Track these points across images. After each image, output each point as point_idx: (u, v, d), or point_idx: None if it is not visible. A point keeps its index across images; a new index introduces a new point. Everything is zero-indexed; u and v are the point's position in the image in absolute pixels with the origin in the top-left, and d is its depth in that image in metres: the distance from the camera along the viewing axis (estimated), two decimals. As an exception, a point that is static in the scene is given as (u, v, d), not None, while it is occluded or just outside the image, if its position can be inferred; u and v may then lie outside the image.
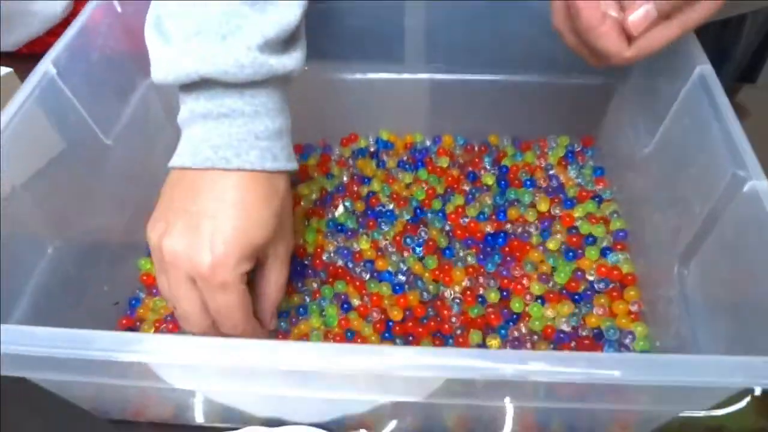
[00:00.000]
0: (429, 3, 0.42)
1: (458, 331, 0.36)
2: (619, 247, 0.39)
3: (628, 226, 0.40)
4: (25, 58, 0.55)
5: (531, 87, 0.43)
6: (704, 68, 0.31)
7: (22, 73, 0.36)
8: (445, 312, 0.37)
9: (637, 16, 0.26)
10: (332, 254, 0.41)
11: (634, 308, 0.37)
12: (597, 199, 0.42)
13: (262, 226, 0.30)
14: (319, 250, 0.41)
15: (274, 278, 0.32)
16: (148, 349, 0.23)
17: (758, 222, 0.26)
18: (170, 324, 0.38)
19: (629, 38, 0.27)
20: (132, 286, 0.40)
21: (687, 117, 0.32)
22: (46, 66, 0.35)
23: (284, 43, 0.30)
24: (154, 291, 0.40)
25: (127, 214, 0.41)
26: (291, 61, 0.30)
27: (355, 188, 0.45)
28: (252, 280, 0.32)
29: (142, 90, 0.44)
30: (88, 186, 0.38)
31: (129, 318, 0.39)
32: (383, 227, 0.42)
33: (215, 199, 0.29)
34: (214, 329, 0.31)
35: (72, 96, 0.36)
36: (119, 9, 0.41)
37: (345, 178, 0.45)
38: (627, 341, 0.35)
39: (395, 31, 0.44)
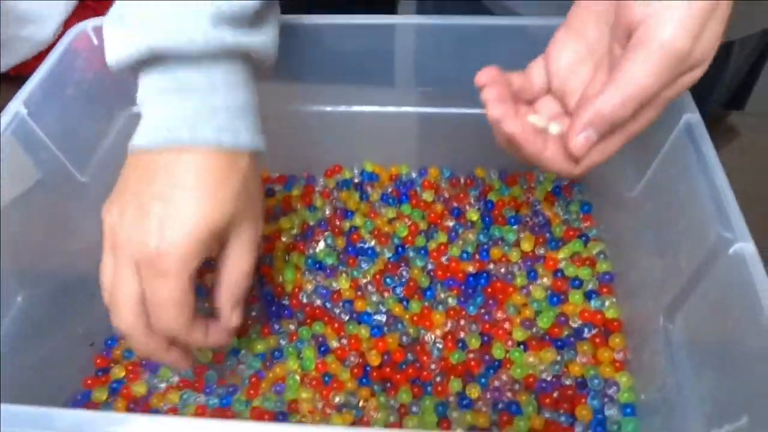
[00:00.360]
0: (419, 27, 0.41)
1: (438, 378, 0.35)
2: (605, 290, 0.38)
3: (614, 268, 0.39)
4: (10, 78, 0.55)
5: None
6: (691, 117, 0.30)
7: (8, 96, 0.35)
8: (425, 358, 0.36)
9: (577, 142, 0.26)
10: (310, 294, 0.40)
11: (619, 356, 0.35)
12: (583, 238, 0.41)
13: (218, 210, 0.28)
14: (297, 289, 0.40)
15: (236, 264, 0.30)
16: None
17: (743, 285, 0.25)
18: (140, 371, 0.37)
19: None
20: (108, 325, 0.40)
21: (674, 167, 0.31)
22: (17, 106, 0.34)
23: (247, 21, 0.28)
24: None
25: (101, 254, 0.40)
26: (251, 40, 0.28)
27: (337, 222, 0.44)
28: (216, 268, 0.30)
29: (122, 121, 0.44)
30: (61, 226, 0.37)
31: (104, 358, 0.38)
32: (363, 265, 0.41)
33: (169, 182, 0.27)
34: (146, 331, 0.29)
35: (44, 136, 0.36)
36: (95, 41, 0.40)
37: (327, 211, 0.44)
38: (611, 392, 0.34)
39: (385, 57, 0.43)
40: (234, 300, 0.31)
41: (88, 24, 0.40)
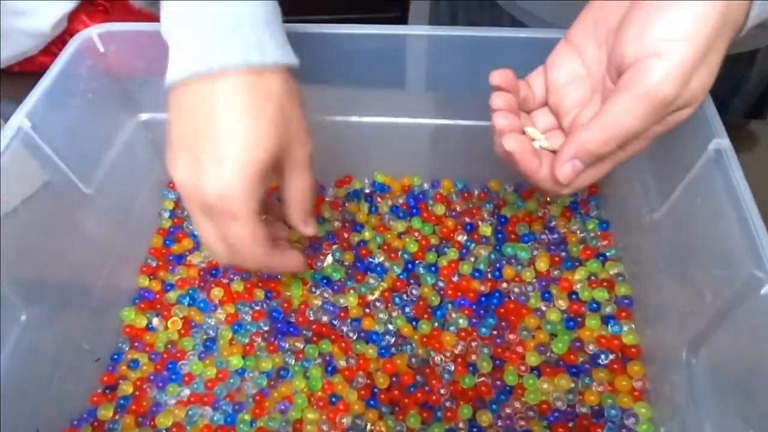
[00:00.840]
0: (431, 38, 0.39)
1: (447, 403, 0.34)
2: (623, 315, 0.36)
3: (633, 292, 0.37)
4: (15, 76, 0.54)
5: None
6: (721, 142, 0.28)
7: (12, 93, 0.34)
8: (434, 381, 0.35)
9: (564, 171, 0.26)
10: (317, 310, 0.39)
11: (638, 385, 0.34)
12: (601, 258, 0.39)
13: (261, 139, 0.27)
14: (303, 305, 0.39)
15: (298, 185, 0.30)
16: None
17: (775, 328, 0.23)
18: (151, 386, 0.37)
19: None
20: (114, 340, 0.39)
21: (700, 194, 0.29)
22: (20, 120, 0.33)
23: None
24: (137, 344, 0.39)
25: (109, 264, 0.40)
26: None
27: (346, 235, 0.43)
28: (279, 191, 0.31)
29: (129, 129, 0.43)
30: (66, 240, 0.37)
31: (111, 374, 0.38)
32: (372, 282, 0.40)
33: (205, 118, 0.26)
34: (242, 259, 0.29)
35: (48, 149, 0.35)
36: (101, 48, 0.39)
37: (336, 224, 0.43)
38: (629, 422, 0.33)
39: (397, 67, 0.41)
40: (304, 215, 0.32)
41: (94, 31, 0.39)
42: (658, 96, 0.23)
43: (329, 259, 0.41)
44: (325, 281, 0.40)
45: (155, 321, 0.39)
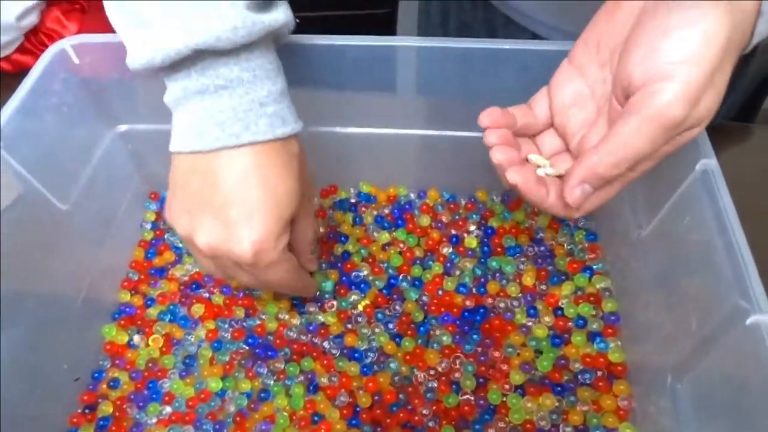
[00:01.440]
0: (420, 49, 0.38)
1: (430, 423, 0.34)
2: (609, 332, 0.36)
3: (620, 308, 0.36)
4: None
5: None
6: (708, 163, 0.27)
7: None
8: (416, 401, 0.35)
9: (574, 195, 0.26)
10: (298, 328, 0.38)
11: (623, 404, 0.33)
12: (588, 272, 0.38)
13: (290, 196, 0.29)
14: (282, 327, 0.38)
15: (305, 231, 0.33)
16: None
17: (759, 359, 0.23)
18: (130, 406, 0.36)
19: None
20: (95, 357, 0.39)
21: (687, 214, 0.28)
22: (-10, 139, 0.33)
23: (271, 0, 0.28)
24: (118, 362, 0.38)
25: (88, 280, 0.39)
26: (280, 14, 0.28)
27: (329, 249, 0.42)
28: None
29: (107, 142, 0.42)
30: (42, 259, 0.36)
31: (91, 393, 0.37)
32: (354, 298, 0.39)
33: (237, 182, 0.28)
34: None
35: (21, 168, 0.34)
36: (76, 60, 0.38)
37: (321, 229, 0.42)
38: (613, 443, 0.32)
39: (385, 77, 0.40)
40: (307, 254, 0.35)
41: (67, 42, 0.38)
42: (668, 118, 0.23)
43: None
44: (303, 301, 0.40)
45: (136, 338, 0.39)
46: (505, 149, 0.27)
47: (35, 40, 0.53)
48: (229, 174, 0.28)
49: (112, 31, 0.29)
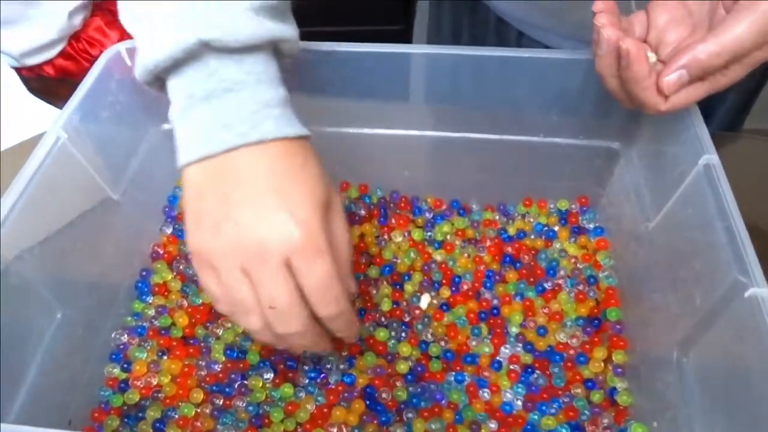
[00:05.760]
0: (430, 56, 0.40)
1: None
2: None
3: (628, 296, 0.39)
4: (38, 79, 0.56)
5: (531, 146, 0.42)
6: (710, 158, 0.30)
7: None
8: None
9: (671, 78, 0.28)
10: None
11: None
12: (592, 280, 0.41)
13: (320, 181, 0.28)
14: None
15: (342, 233, 0.29)
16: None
17: (756, 330, 0.26)
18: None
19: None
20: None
21: (691, 206, 0.31)
22: (56, 132, 0.36)
23: (280, 11, 0.29)
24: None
25: (136, 268, 0.42)
26: (286, 28, 0.29)
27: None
28: None
29: (151, 138, 0.45)
30: (97, 244, 0.39)
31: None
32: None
33: (264, 174, 0.27)
34: (312, 327, 0.29)
35: (82, 159, 0.37)
36: (128, 61, 0.42)
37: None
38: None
39: (396, 84, 0.42)
40: (347, 268, 0.30)
41: (122, 46, 0.41)
42: None
43: (425, 299, 0.39)
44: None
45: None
46: (615, 28, 0.29)
47: (77, 46, 0.56)
48: (252, 170, 0.27)
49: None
